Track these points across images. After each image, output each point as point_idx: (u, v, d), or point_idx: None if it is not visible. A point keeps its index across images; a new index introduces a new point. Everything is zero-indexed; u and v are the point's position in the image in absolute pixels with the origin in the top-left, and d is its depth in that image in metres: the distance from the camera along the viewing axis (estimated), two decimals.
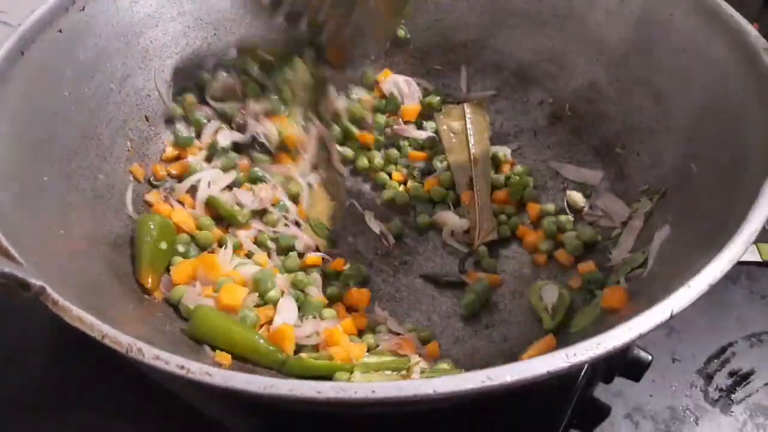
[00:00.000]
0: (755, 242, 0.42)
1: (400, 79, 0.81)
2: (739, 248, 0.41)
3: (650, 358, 0.56)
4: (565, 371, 0.35)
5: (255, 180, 0.70)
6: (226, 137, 0.72)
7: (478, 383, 0.34)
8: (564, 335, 0.55)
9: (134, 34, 0.70)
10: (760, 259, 0.70)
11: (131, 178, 0.67)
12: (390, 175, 0.76)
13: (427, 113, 0.80)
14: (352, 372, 0.52)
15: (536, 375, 0.34)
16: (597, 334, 0.37)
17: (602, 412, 0.60)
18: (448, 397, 0.34)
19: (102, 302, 0.49)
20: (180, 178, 0.70)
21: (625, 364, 0.57)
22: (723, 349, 0.64)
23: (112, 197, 0.64)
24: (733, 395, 0.61)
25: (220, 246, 0.65)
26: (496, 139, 0.77)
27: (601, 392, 0.61)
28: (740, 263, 0.42)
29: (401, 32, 0.81)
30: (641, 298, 0.51)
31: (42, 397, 0.62)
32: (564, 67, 0.74)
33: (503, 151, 0.74)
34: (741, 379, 0.62)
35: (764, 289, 0.69)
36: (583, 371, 0.56)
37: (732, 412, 0.60)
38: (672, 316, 0.38)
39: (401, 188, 0.74)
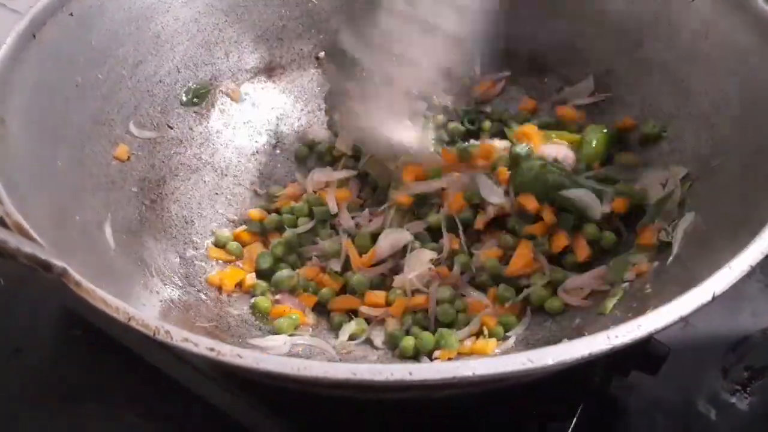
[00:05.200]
0: None
1: None
2: None
3: (668, 350, 0.56)
4: (607, 353, 0.34)
5: None
6: None
7: (519, 365, 0.33)
8: (593, 322, 0.55)
9: (145, 19, 0.69)
10: None
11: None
12: None
13: None
14: None
15: (577, 357, 0.34)
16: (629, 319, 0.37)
17: (618, 405, 0.60)
18: (487, 380, 0.33)
19: (118, 289, 0.48)
20: None
21: (642, 357, 0.56)
22: (739, 343, 0.64)
23: (125, 184, 0.63)
24: (749, 389, 0.61)
25: None
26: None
27: (617, 386, 0.60)
28: None
29: None
30: (670, 283, 0.51)
31: (51, 389, 0.61)
32: (580, 53, 0.73)
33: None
34: (757, 372, 0.62)
35: None
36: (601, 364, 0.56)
37: (749, 405, 0.60)
38: (714, 299, 0.37)
39: None
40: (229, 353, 0.33)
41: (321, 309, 0.63)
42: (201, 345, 0.34)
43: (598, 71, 0.72)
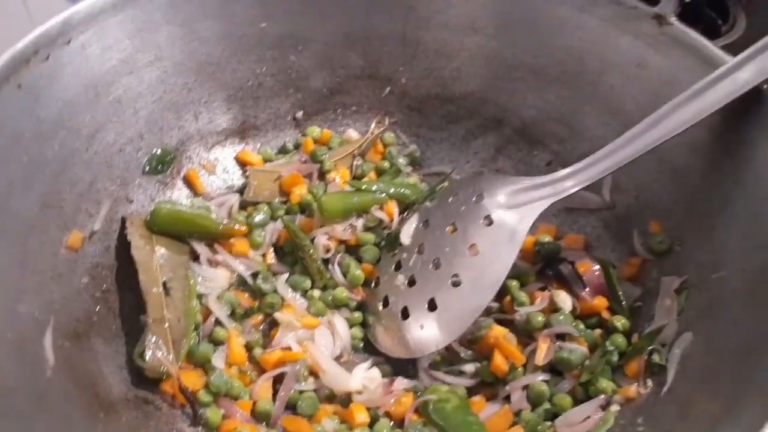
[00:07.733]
0: None
1: None
2: None
3: None
4: None
5: None
6: None
7: None
8: None
9: (105, 84, 0.63)
10: None
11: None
12: None
13: None
14: None
15: None
16: None
17: None
18: None
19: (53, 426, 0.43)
20: None
21: None
22: None
23: (74, 275, 0.58)
24: None
25: None
26: None
27: None
28: None
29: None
30: (664, 427, 0.46)
31: None
32: (572, 128, 0.68)
33: None
34: None
35: None
36: None
37: None
38: None
39: None
40: None
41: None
42: None
43: (591, 149, 0.67)
